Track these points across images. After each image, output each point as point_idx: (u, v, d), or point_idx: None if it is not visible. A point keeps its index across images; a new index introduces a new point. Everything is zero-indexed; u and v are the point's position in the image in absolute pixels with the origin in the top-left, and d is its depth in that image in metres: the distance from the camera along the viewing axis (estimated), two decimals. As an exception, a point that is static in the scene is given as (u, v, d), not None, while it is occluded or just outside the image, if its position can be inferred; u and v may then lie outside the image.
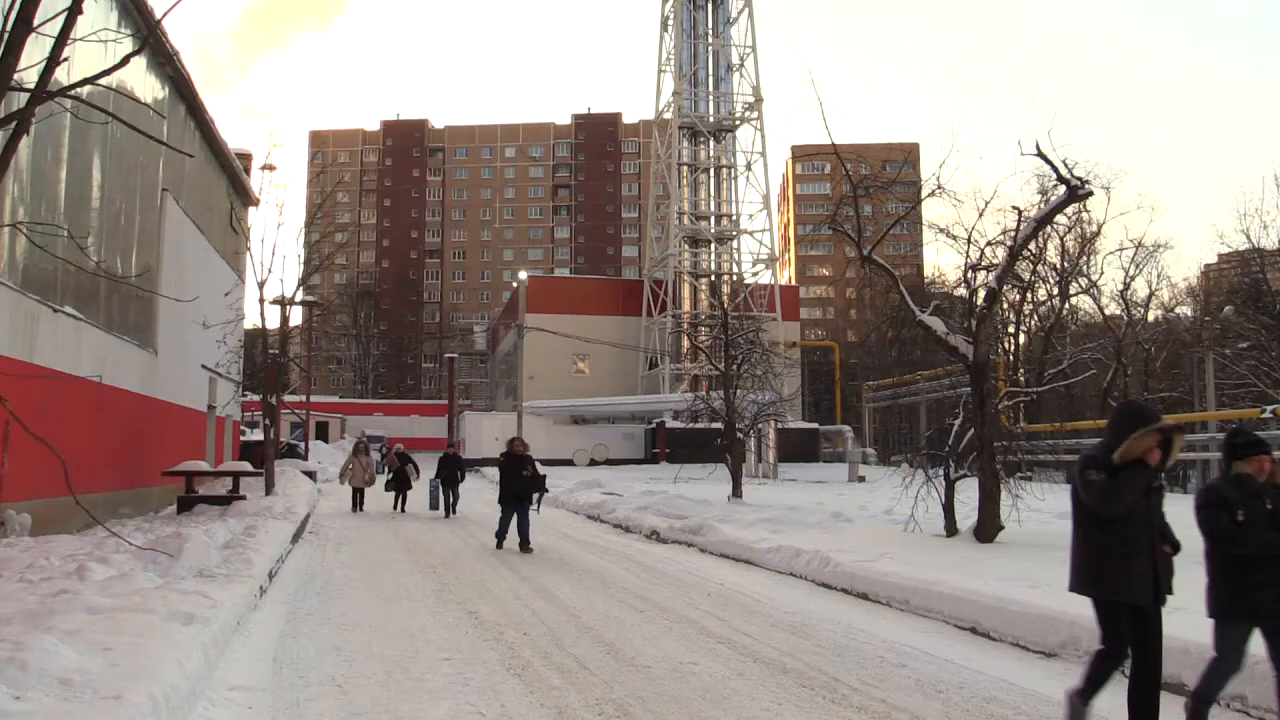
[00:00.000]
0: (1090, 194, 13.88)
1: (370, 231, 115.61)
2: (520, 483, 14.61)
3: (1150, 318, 47.65)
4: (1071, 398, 42.68)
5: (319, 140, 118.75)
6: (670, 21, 56.77)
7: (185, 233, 21.89)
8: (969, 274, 15.42)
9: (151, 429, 19.71)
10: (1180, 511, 5.37)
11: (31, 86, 6.65)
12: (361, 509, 21.86)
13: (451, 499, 21.10)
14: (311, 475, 30.81)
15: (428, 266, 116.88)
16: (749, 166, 55.95)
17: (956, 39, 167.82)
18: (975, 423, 13.51)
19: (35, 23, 6.36)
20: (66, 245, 12.38)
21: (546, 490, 15.46)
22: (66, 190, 14.52)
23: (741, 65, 55.85)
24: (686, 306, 54.26)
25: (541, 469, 15.28)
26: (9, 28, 6.26)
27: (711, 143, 56.14)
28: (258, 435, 32.61)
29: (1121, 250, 44.46)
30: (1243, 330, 37.44)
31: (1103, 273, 46.74)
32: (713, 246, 56.66)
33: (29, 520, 12.12)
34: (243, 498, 18.23)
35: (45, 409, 12.57)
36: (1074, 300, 47.74)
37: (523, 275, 50.63)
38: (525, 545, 14.18)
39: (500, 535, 14.67)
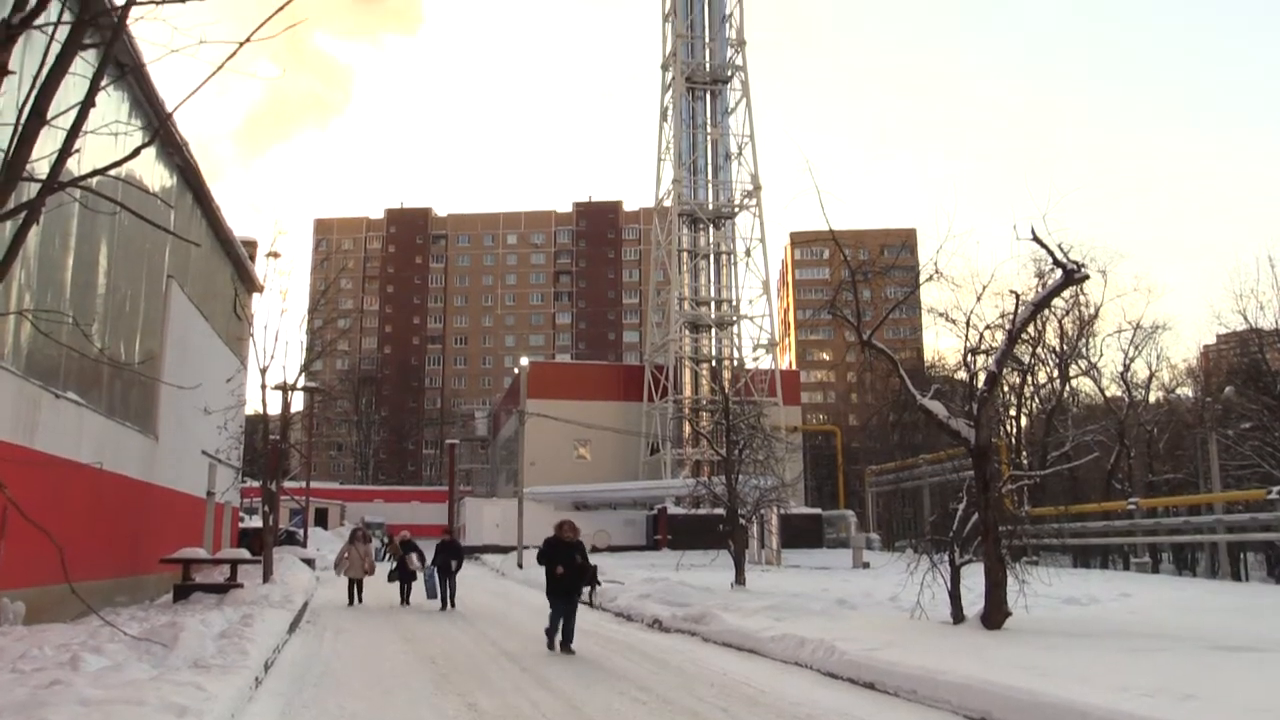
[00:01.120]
0: (1087, 277, 13.99)
1: (373, 318, 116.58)
2: (569, 574, 13.00)
3: (1152, 399, 47.63)
4: (1075, 480, 42.43)
5: (323, 228, 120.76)
6: (670, 111, 58.04)
7: (189, 319, 22.03)
8: (969, 357, 15.44)
9: (150, 515, 19.54)
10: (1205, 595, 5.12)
11: (43, 177, 6.77)
12: (360, 601, 20.99)
13: (449, 589, 20.04)
14: (310, 563, 30.50)
15: (429, 352, 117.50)
16: (748, 252, 56.63)
17: (953, 123, 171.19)
18: (979, 507, 13.39)
19: (49, 115, 6.52)
20: (71, 331, 12.46)
21: (600, 583, 13.90)
22: (73, 276, 14.63)
23: (740, 153, 56.92)
24: (687, 392, 54.39)
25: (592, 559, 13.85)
26: (23, 120, 6.41)
27: (711, 229, 56.93)
28: (256, 522, 32.33)
29: (1120, 332, 44.69)
30: (1245, 410, 37.37)
31: (1102, 354, 46.89)
32: (713, 332, 57.05)
33: (23, 609, 11.95)
34: (240, 585, 18.04)
35: (45, 495, 12.50)
36: (1074, 382, 47.75)
37: (524, 361, 50.71)
38: (567, 644, 12.73)
39: (551, 633, 12.96)
